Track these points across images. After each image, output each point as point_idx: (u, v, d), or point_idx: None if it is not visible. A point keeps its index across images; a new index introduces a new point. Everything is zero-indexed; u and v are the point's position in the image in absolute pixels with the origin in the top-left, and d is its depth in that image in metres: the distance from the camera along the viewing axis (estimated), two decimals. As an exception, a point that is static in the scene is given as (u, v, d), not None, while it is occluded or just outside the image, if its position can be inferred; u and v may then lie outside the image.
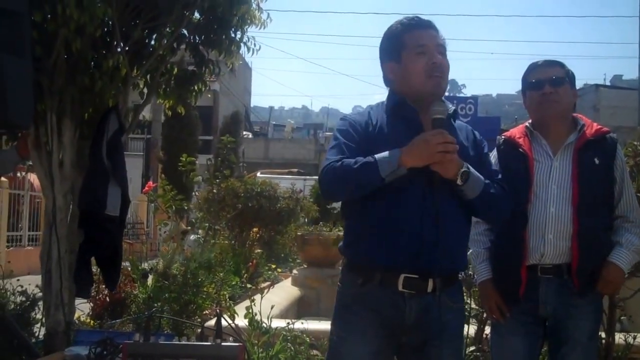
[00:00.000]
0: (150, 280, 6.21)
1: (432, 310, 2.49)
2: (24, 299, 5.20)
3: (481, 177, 2.56)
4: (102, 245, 4.54)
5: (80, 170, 4.70)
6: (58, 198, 4.61)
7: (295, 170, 24.00)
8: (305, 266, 9.31)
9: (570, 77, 3.19)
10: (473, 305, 4.70)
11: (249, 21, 4.90)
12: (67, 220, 4.67)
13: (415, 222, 2.45)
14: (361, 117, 2.63)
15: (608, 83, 48.39)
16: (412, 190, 2.47)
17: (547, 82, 3.13)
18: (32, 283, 5.48)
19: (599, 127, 3.18)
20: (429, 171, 2.44)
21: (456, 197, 2.53)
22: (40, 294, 4.91)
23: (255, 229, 10.34)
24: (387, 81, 2.69)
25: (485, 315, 4.40)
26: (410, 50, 2.57)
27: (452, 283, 2.59)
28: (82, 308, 6.09)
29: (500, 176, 2.71)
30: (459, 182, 2.47)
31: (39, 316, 5.06)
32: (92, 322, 5.75)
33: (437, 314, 2.48)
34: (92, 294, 5.79)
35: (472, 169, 2.51)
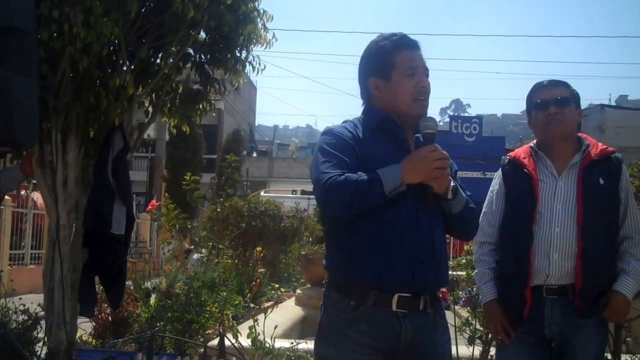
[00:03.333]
0: (153, 299, 6.18)
1: (424, 328, 2.46)
2: (26, 317, 5.19)
3: (461, 191, 2.57)
4: (106, 264, 4.52)
5: (84, 188, 4.70)
6: (62, 216, 4.60)
7: (300, 189, 23.99)
8: (309, 286, 9.27)
9: (575, 97, 3.19)
10: (478, 327, 4.67)
11: (254, 40, 4.91)
12: (71, 238, 4.66)
13: (412, 239, 2.42)
14: (346, 130, 2.57)
15: (613, 103, 48.37)
16: (405, 206, 2.43)
17: (552, 103, 3.13)
18: (34, 302, 5.47)
19: (604, 147, 3.17)
20: (421, 186, 2.43)
21: (441, 212, 2.54)
22: (43, 312, 4.89)
23: (258, 248, 10.31)
24: (369, 96, 2.67)
25: (490, 336, 4.38)
26: (401, 71, 2.57)
27: (437, 299, 2.57)
28: (85, 327, 6.06)
29: (468, 193, 2.65)
30: (449, 196, 2.47)
31: (41, 335, 5.04)
32: (94, 341, 5.72)
33: (430, 331, 2.47)
34: (95, 312, 5.78)
35: (456, 185, 2.53)
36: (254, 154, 37.72)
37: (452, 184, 2.48)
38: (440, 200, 2.49)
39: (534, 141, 3.26)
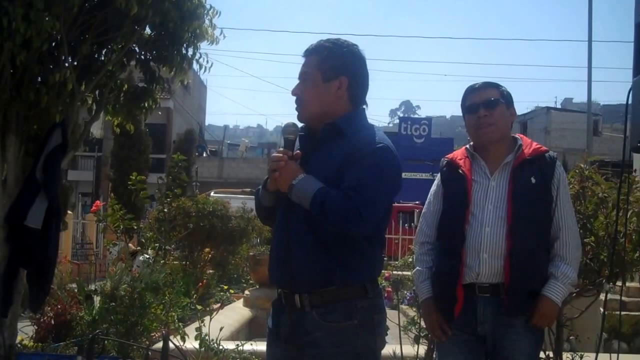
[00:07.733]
0: (97, 301, 6.06)
1: (304, 326, 2.53)
2: (-38, 321, 5.02)
3: (312, 187, 2.46)
4: (20, 259, 4.37)
5: (24, 187, 4.57)
6: (0, 216, 4.46)
7: (249, 190, 23.84)
8: (257, 287, 9.22)
9: (506, 97, 3.20)
10: (424, 325, 4.69)
11: (201, 37, 4.85)
12: (10, 240, 4.52)
13: (276, 239, 2.67)
14: None
15: (559, 106, 49.50)
16: (279, 212, 2.64)
17: (481, 105, 3.16)
18: (-28, 305, 5.29)
19: (538, 146, 3.20)
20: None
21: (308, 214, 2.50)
22: (-20, 316, 4.73)
23: (207, 249, 10.20)
24: None
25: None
26: None
27: (329, 301, 2.51)
28: (26, 330, 5.92)
29: (367, 185, 2.45)
30: (288, 194, 2.53)
31: (-22, 339, 4.88)
32: (35, 345, 5.58)
33: (304, 329, 2.52)
34: (37, 316, 5.65)
35: (305, 181, 2.48)
36: (204, 154, 37.41)
37: (295, 181, 2.48)
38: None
39: (471, 143, 3.29)
